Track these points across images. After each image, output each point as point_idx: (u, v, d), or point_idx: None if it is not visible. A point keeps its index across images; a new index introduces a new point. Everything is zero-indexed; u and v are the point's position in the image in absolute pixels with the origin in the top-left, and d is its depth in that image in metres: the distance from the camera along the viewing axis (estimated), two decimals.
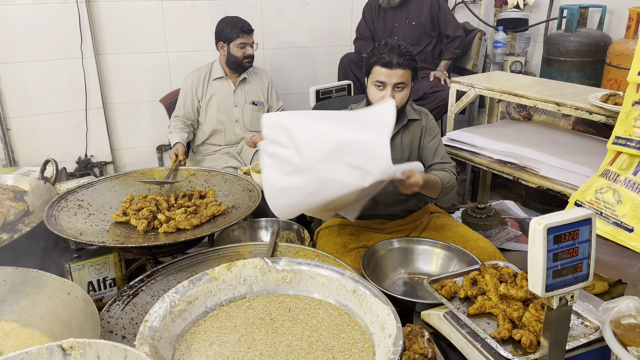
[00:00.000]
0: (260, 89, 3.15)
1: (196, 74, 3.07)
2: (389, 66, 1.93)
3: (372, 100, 2.01)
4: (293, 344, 1.10)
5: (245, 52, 2.96)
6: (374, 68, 1.96)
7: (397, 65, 1.92)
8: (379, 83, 1.96)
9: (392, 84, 1.95)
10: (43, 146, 3.35)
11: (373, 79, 1.98)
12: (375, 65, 1.95)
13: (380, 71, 1.95)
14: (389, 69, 1.93)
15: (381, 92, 1.97)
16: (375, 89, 1.99)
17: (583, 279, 1.16)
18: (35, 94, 3.27)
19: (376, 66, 1.95)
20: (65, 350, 0.83)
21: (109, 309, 1.59)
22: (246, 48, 2.96)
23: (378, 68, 1.95)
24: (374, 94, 2.00)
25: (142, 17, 3.42)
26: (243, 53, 2.95)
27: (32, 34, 3.16)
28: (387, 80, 1.95)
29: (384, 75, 1.95)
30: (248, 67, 3.03)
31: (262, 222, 2.48)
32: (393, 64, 1.92)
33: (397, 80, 1.95)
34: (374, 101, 1.99)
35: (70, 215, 2.03)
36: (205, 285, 1.24)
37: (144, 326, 1.04)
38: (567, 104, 2.14)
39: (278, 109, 3.21)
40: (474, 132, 2.57)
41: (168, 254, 2.09)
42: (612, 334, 1.22)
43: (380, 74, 1.95)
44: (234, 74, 3.07)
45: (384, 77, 1.95)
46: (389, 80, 1.95)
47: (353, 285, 1.20)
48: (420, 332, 1.43)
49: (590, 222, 1.13)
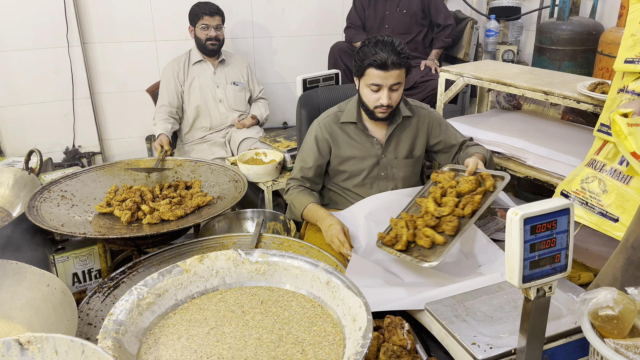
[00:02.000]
0: (240, 72, 3.22)
1: (175, 62, 3.12)
2: (385, 68, 1.83)
3: (367, 102, 1.94)
4: (263, 337, 1.09)
5: (207, 34, 3.01)
6: (368, 70, 1.86)
7: (393, 66, 1.83)
8: (375, 86, 1.88)
9: (388, 85, 1.87)
10: (30, 136, 3.32)
11: (368, 82, 1.89)
12: (370, 68, 1.85)
13: (375, 74, 1.85)
14: (384, 71, 1.84)
15: (377, 94, 1.89)
16: (369, 91, 1.90)
17: (561, 270, 1.14)
18: (21, 84, 3.23)
19: (371, 68, 1.85)
20: (22, 345, 0.81)
21: (89, 300, 1.58)
22: (209, 30, 3.01)
23: (373, 70, 1.85)
24: (368, 96, 1.92)
25: (130, 5, 3.38)
26: (206, 35, 3.01)
27: (17, 23, 3.12)
28: (384, 83, 1.86)
29: (379, 77, 1.85)
30: (212, 49, 3.07)
31: (248, 213, 2.46)
32: (388, 65, 1.82)
33: (393, 82, 1.87)
34: (369, 103, 1.93)
35: (52, 206, 2.01)
36: (176, 277, 1.22)
37: (108, 319, 1.03)
38: (555, 93, 2.11)
39: (259, 92, 3.31)
40: (462, 122, 2.54)
41: (153, 245, 2.08)
42: (590, 325, 1.20)
43: (375, 77, 1.86)
44: (211, 57, 3.13)
45: (380, 79, 1.86)
46: (385, 82, 1.86)
47: (326, 277, 1.18)
48: (399, 324, 1.42)
49: (569, 212, 1.12)
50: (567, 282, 1.61)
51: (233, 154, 3.09)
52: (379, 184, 2.09)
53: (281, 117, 3.97)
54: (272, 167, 2.53)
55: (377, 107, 1.93)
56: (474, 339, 1.31)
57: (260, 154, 2.67)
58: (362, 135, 2.05)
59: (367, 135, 2.05)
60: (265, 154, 2.67)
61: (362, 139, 2.06)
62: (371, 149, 2.05)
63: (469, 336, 1.32)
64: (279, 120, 3.96)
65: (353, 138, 2.06)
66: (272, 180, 2.55)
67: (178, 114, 3.11)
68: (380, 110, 1.93)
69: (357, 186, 2.10)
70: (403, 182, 2.10)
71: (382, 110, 1.93)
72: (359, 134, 2.06)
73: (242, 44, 3.71)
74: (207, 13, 2.98)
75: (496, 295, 1.50)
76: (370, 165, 2.06)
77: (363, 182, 2.09)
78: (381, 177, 2.08)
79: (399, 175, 2.09)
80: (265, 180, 2.54)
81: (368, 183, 2.09)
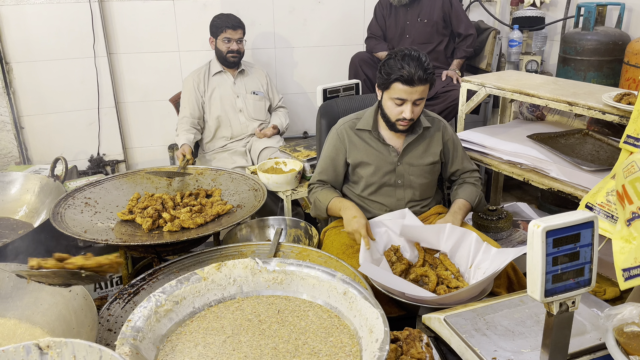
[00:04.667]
0: (259, 81, 3.25)
1: (196, 73, 3.16)
2: (411, 83, 1.88)
3: (389, 115, 1.99)
4: (279, 346, 1.08)
5: (229, 47, 3.05)
6: (394, 84, 1.91)
7: (419, 82, 1.88)
8: (399, 100, 1.93)
9: (412, 100, 1.92)
10: (56, 144, 3.40)
11: (392, 95, 1.93)
12: (396, 82, 1.90)
13: (401, 88, 1.90)
14: (410, 87, 1.89)
15: (400, 108, 1.94)
16: (393, 104, 1.95)
17: (585, 284, 1.11)
18: (48, 93, 3.32)
19: (397, 83, 1.90)
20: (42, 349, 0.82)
21: (109, 307, 1.59)
22: (231, 43, 3.05)
23: (399, 85, 1.90)
24: (392, 108, 1.97)
25: (154, 17, 3.44)
26: (227, 48, 3.06)
27: (46, 34, 3.21)
28: (408, 97, 1.91)
29: (405, 92, 1.90)
30: (233, 61, 3.11)
31: (269, 221, 2.47)
32: (415, 81, 1.87)
33: (417, 97, 1.92)
34: (392, 116, 1.98)
35: (76, 213, 2.04)
36: (194, 285, 1.22)
37: (126, 326, 1.03)
38: (579, 104, 2.07)
39: (279, 101, 3.34)
40: (484, 132, 2.51)
41: (173, 253, 2.09)
42: (615, 342, 1.17)
43: (401, 92, 1.91)
44: (230, 69, 3.17)
45: (405, 94, 1.91)
46: (410, 97, 1.91)
47: (343, 287, 1.17)
48: (418, 337, 1.39)
49: (593, 225, 1.09)
50: (591, 296, 1.57)
51: (253, 162, 3.11)
52: (397, 192, 2.09)
53: (301, 127, 3.99)
54: (292, 177, 2.54)
55: (399, 120, 1.98)
56: (495, 354, 1.29)
57: (280, 163, 2.68)
58: (378, 142, 2.07)
59: (383, 143, 2.07)
60: (285, 163, 2.68)
61: (378, 145, 2.08)
62: (388, 156, 2.07)
63: (489, 350, 1.30)
64: (299, 130, 3.98)
65: (369, 144, 2.08)
66: (291, 190, 2.56)
67: (200, 124, 3.16)
68: (402, 123, 1.99)
69: (373, 193, 2.11)
70: (420, 190, 2.12)
71: (404, 123, 1.99)
72: (374, 141, 2.08)
73: (263, 54, 3.75)
74: (230, 27, 3.02)
75: (518, 309, 1.47)
76: (386, 172, 2.07)
77: (379, 189, 2.09)
78: (398, 184, 2.09)
79: (417, 182, 2.10)
80: (284, 190, 2.54)
81: (384, 190, 2.09)
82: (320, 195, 2.12)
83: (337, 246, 2.01)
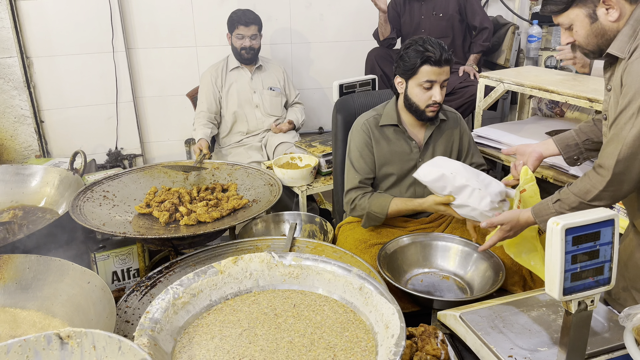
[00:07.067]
0: (276, 77, 3.26)
1: (213, 68, 3.17)
2: (439, 64, 1.87)
3: (417, 102, 1.95)
4: (295, 340, 1.09)
5: (242, 43, 3.06)
6: (422, 68, 1.89)
7: (445, 62, 1.89)
8: (428, 83, 1.91)
9: (441, 81, 1.91)
10: (75, 138, 3.44)
11: (421, 80, 1.91)
12: (425, 65, 1.88)
13: (430, 70, 1.88)
14: (438, 67, 1.88)
15: (429, 92, 1.92)
16: (421, 90, 1.93)
17: (604, 283, 1.10)
18: (67, 87, 3.36)
19: (425, 65, 1.88)
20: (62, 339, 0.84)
21: (127, 298, 1.61)
22: (244, 39, 3.06)
23: (427, 67, 1.88)
24: (420, 95, 1.94)
25: (172, 12, 3.47)
26: (240, 44, 3.07)
27: (65, 29, 3.25)
28: (437, 79, 1.90)
29: (434, 74, 1.89)
30: (247, 57, 3.11)
31: (285, 216, 2.48)
32: (442, 61, 1.87)
33: (445, 77, 1.92)
34: (421, 103, 1.95)
35: (95, 206, 2.07)
36: (211, 278, 1.23)
37: (144, 317, 1.05)
38: (600, 100, 2.04)
39: (295, 97, 3.34)
40: (501, 129, 2.49)
41: (189, 246, 2.11)
42: (634, 342, 1.15)
43: (430, 74, 1.89)
44: (247, 65, 3.18)
45: (435, 75, 1.89)
46: (438, 78, 1.90)
47: (359, 283, 1.17)
48: (433, 333, 1.39)
49: (613, 224, 1.08)
50: None
51: (269, 157, 3.12)
52: (416, 189, 2.07)
53: (317, 122, 3.98)
54: (307, 172, 2.54)
55: (429, 106, 1.96)
56: (511, 352, 1.28)
57: (296, 158, 2.69)
58: (402, 139, 2.06)
59: (405, 139, 2.06)
60: (301, 158, 2.68)
61: (401, 142, 2.06)
62: (410, 153, 2.05)
63: (505, 348, 1.29)
64: (315, 125, 3.98)
65: (392, 141, 2.06)
66: (306, 185, 2.56)
67: (217, 119, 3.17)
68: (432, 108, 1.96)
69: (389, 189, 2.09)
70: None
71: (434, 108, 1.96)
72: (398, 137, 2.06)
73: (280, 49, 3.75)
74: (243, 23, 3.02)
75: (534, 308, 1.45)
76: (408, 169, 2.05)
77: (400, 186, 2.08)
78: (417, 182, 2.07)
79: None
80: (299, 185, 2.55)
81: (405, 187, 2.08)
82: (373, 205, 2.00)
83: (351, 242, 2.01)
